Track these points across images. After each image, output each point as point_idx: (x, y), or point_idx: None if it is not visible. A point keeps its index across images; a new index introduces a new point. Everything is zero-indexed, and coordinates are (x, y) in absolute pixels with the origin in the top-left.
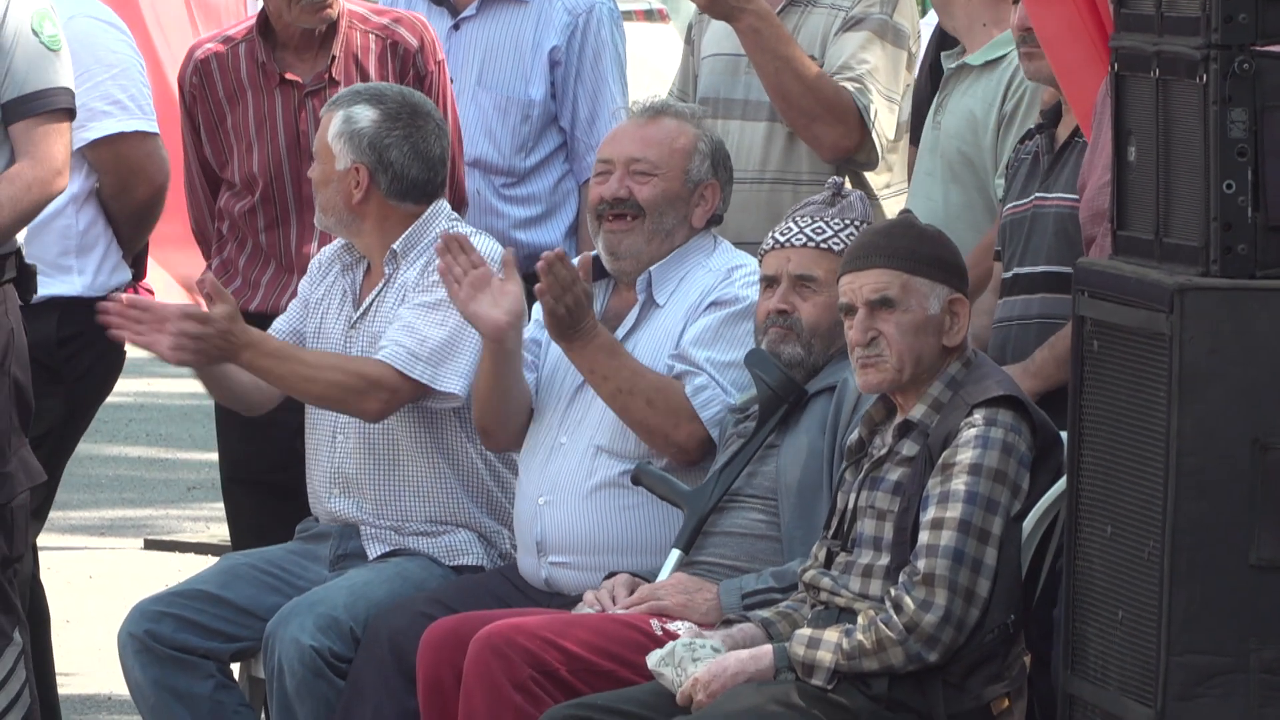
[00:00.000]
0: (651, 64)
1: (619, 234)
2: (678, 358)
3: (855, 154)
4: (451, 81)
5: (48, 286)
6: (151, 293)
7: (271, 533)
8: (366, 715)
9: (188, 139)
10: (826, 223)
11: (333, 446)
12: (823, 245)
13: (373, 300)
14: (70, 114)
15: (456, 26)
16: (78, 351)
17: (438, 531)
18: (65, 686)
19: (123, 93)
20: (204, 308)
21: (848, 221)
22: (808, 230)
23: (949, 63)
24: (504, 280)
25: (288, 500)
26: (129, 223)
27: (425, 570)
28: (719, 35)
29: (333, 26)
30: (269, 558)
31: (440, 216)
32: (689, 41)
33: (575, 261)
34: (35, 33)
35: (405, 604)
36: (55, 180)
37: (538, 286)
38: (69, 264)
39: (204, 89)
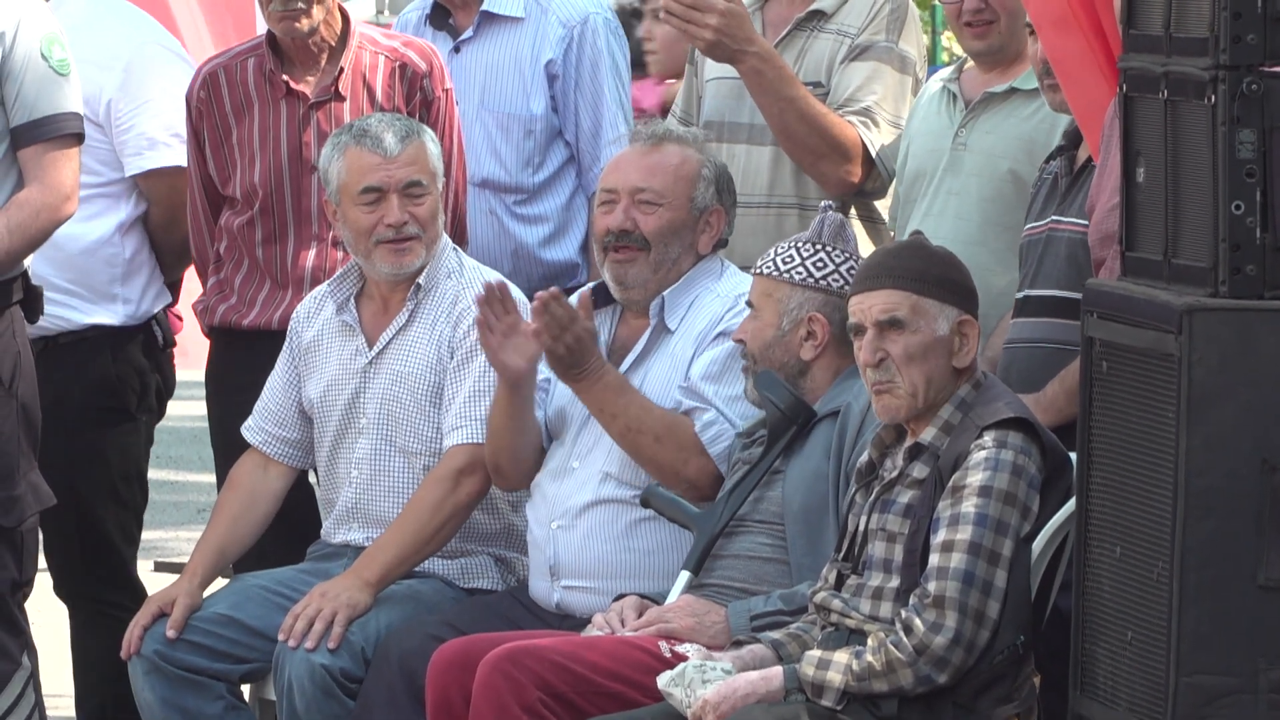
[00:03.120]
0: None
1: (624, 265)
2: (687, 391)
3: (862, 185)
4: (456, 104)
5: (93, 315)
6: (181, 319)
7: (273, 555)
8: None
9: (192, 158)
10: (776, 248)
11: (349, 483)
12: (757, 270)
13: (392, 337)
14: (79, 139)
15: (457, 49)
16: (143, 386)
17: (454, 554)
18: (74, 708)
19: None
20: None
21: (790, 244)
22: (758, 259)
23: (953, 86)
24: (529, 325)
25: (288, 523)
26: (172, 253)
27: (438, 592)
28: None
29: (342, 41)
30: (280, 578)
31: (447, 249)
32: (692, 62)
33: (574, 298)
34: (45, 57)
35: (415, 625)
36: (64, 206)
37: (532, 327)
38: (116, 292)
39: (211, 103)
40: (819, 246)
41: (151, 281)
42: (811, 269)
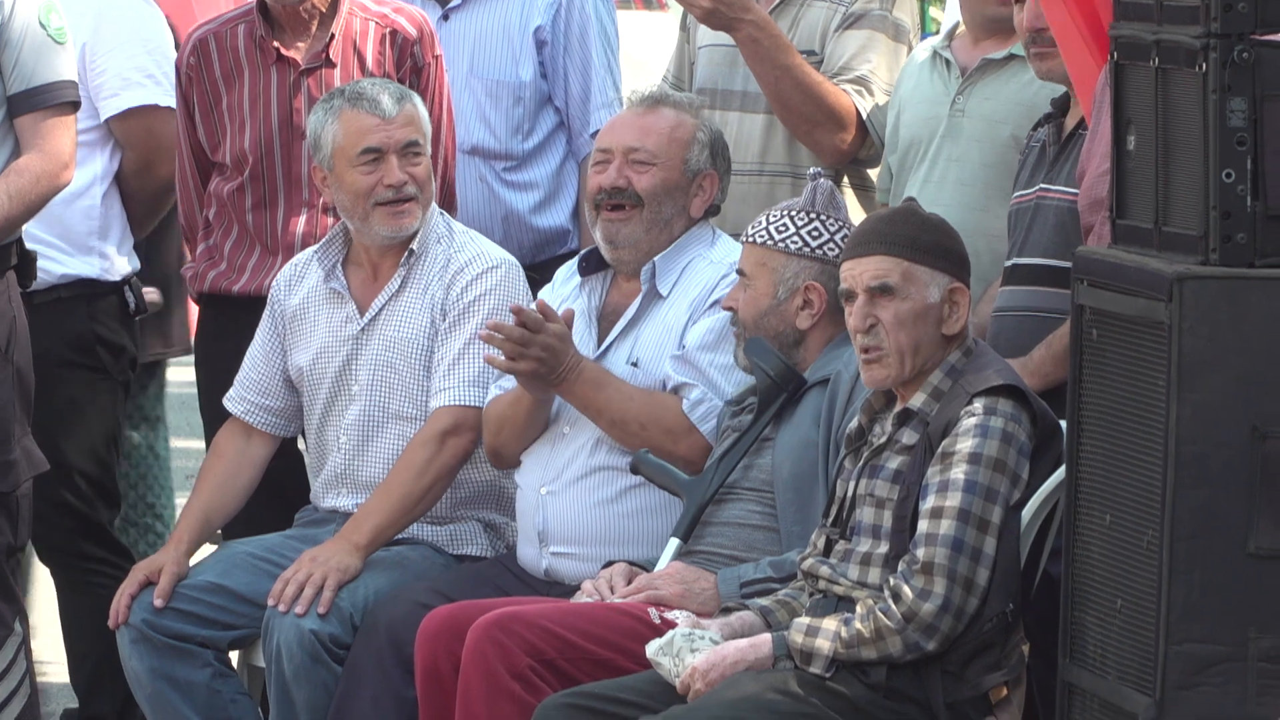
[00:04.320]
0: (630, 53)
1: (617, 223)
2: (680, 362)
3: (857, 153)
4: (445, 72)
5: (72, 266)
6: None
7: (261, 522)
8: (364, 704)
9: (182, 124)
10: (768, 215)
11: (338, 449)
12: (750, 239)
13: (385, 303)
14: (75, 106)
15: (445, 17)
16: (118, 348)
17: (443, 520)
18: (63, 675)
19: (158, 68)
20: None
21: (782, 212)
22: (749, 227)
23: (946, 53)
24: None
25: (276, 490)
26: (145, 204)
27: (426, 559)
28: None
29: (333, 8)
30: (268, 545)
31: (435, 214)
32: (684, 29)
33: (534, 307)
34: (43, 25)
35: (403, 593)
36: (63, 173)
37: (486, 356)
38: (93, 245)
39: (201, 69)
40: (813, 215)
41: (124, 239)
42: (807, 238)
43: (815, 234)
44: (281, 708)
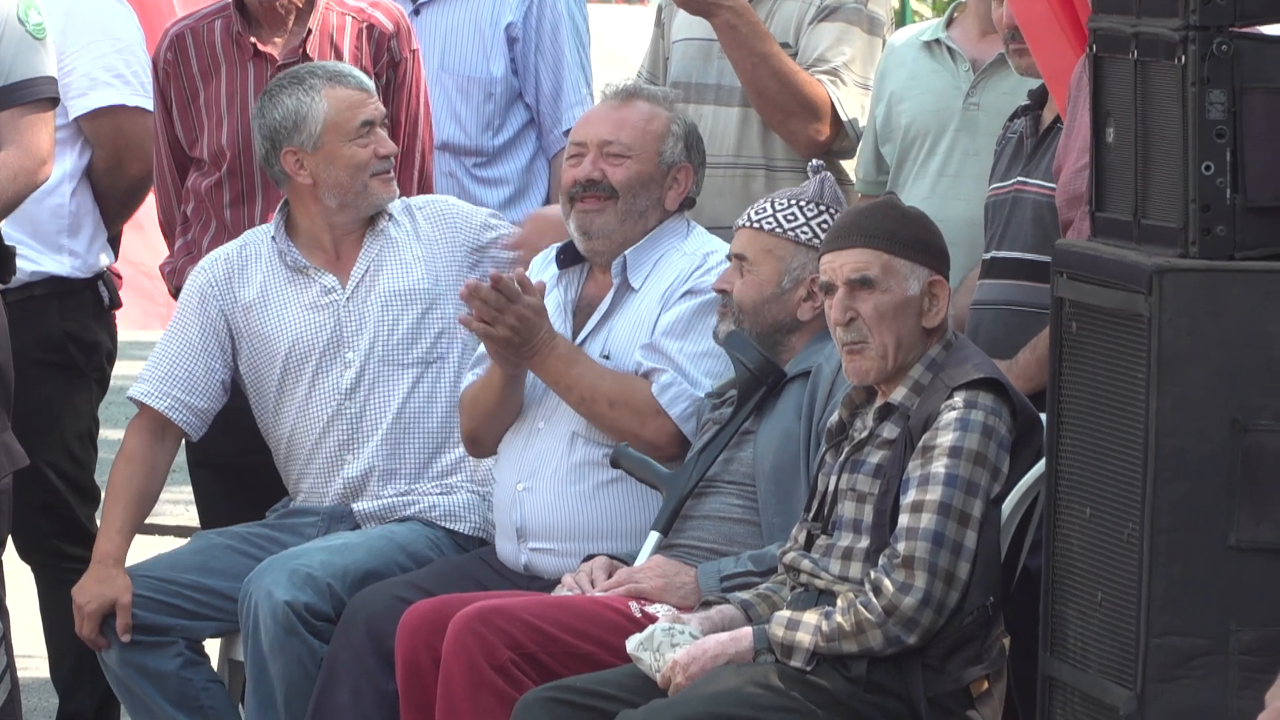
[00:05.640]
0: (610, 48)
1: (591, 213)
2: (649, 350)
3: (830, 144)
4: (423, 66)
5: (42, 263)
6: (120, 277)
7: (240, 517)
8: (344, 698)
9: (159, 119)
10: (772, 202)
11: (340, 417)
12: (755, 224)
13: (369, 266)
14: (54, 103)
15: (417, 12)
16: (91, 345)
17: (443, 490)
18: (43, 671)
19: (126, 68)
20: None
21: (790, 201)
22: (752, 211)
23: (950, 42)
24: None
25: (254, 484)
26: (118, 201)
27: (413, 532)
28: (690, 19)
29: (310, 3)
30: (244, 533)
31: None
32: (659, 24)
33: (514, 277)
34: (22, 21)
35: (382, 587)
36: (41, 169)
37: (460, 316)
38: (63, 243)
39: (178, 65)
40: (823, 207)
41: (96, 236)
42: (817, 230)
43: (825, 226)
44: (258, 683)
